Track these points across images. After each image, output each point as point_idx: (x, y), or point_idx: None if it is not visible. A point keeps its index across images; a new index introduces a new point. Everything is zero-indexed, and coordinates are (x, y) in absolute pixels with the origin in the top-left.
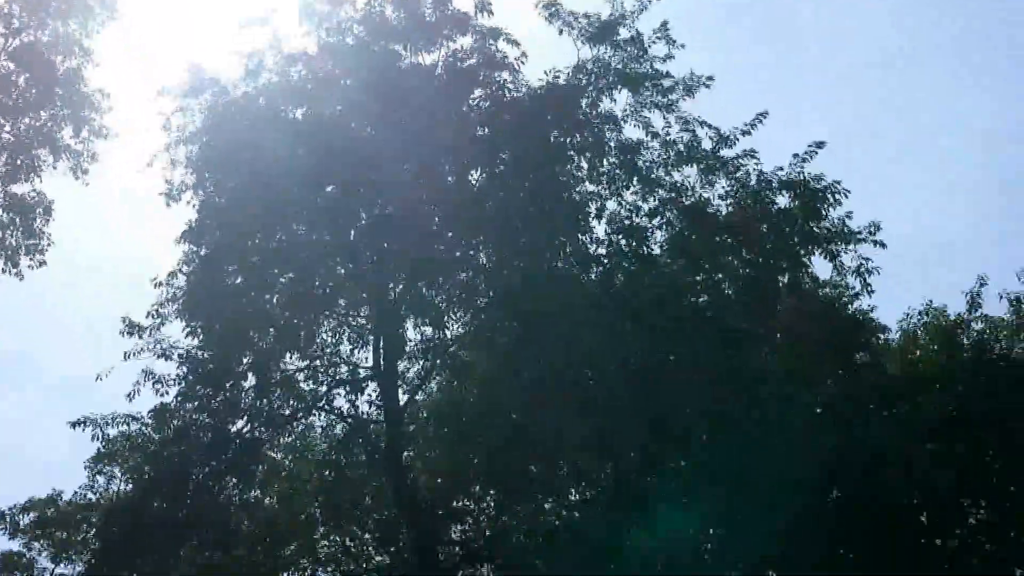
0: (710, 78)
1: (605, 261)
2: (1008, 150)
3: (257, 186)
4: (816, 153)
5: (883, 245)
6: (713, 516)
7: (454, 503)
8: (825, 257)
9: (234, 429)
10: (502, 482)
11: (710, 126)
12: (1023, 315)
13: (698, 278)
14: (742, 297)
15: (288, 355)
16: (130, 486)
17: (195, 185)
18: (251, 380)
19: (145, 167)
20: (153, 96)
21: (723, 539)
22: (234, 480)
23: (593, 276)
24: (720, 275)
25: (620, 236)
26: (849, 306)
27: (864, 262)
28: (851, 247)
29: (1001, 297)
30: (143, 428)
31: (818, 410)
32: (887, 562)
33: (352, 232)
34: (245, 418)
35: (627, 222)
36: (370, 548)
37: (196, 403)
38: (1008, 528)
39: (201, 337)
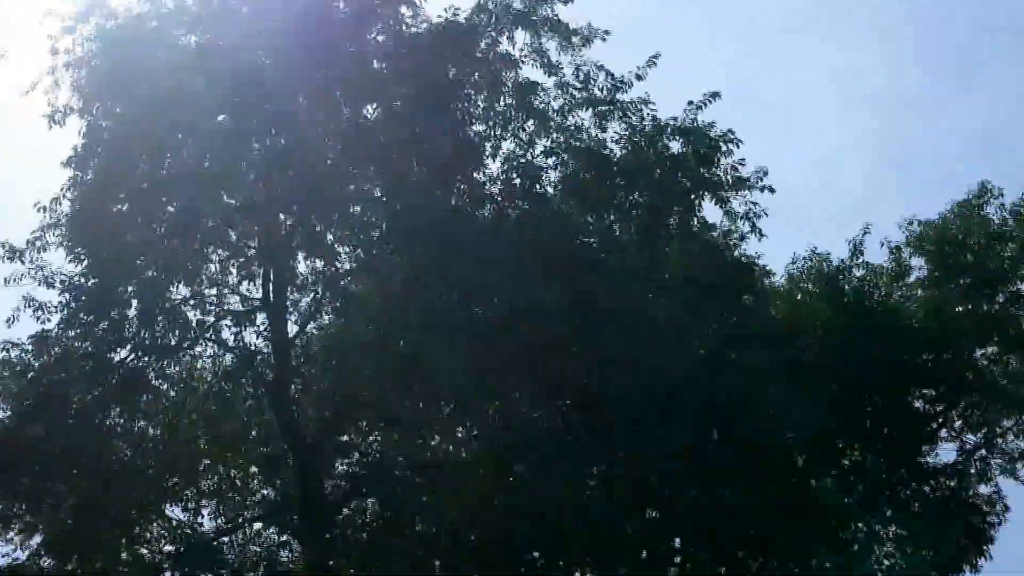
0: (607, 32)
1: (498, 199)
2: (900, 107)
3: (146, 113)
4: (711, 102)
5: (772, 190)
6: (597, 454)
7: (341, 437)
8: (715, 202)
9: (117, 358)
10: (389, 417)
11: (606, 71)
12: (903, 263)
13: (590, 219)
14: (633, 239)
15: (174, 284)
16: (7, 412)
17: (82, 110)
18: (136, 309)
19: (29, 89)
20: (40, 18)
21: (605, 477)
22: (117, 410)
23: (486, 214)
24: (612, 217)
25: (514, 175)
26: (737, 250)
27: (752, 207)
28: (741, 193)
29: (883, 245)
30: (23, 354)
31: (701, 351)
32: (763, 502)
33: (243, 163)
34: (129, 347)
35: (522, 161)
36: (256, 482)
37: (78, 330)
38: (879, 470)
39: (85, 264)
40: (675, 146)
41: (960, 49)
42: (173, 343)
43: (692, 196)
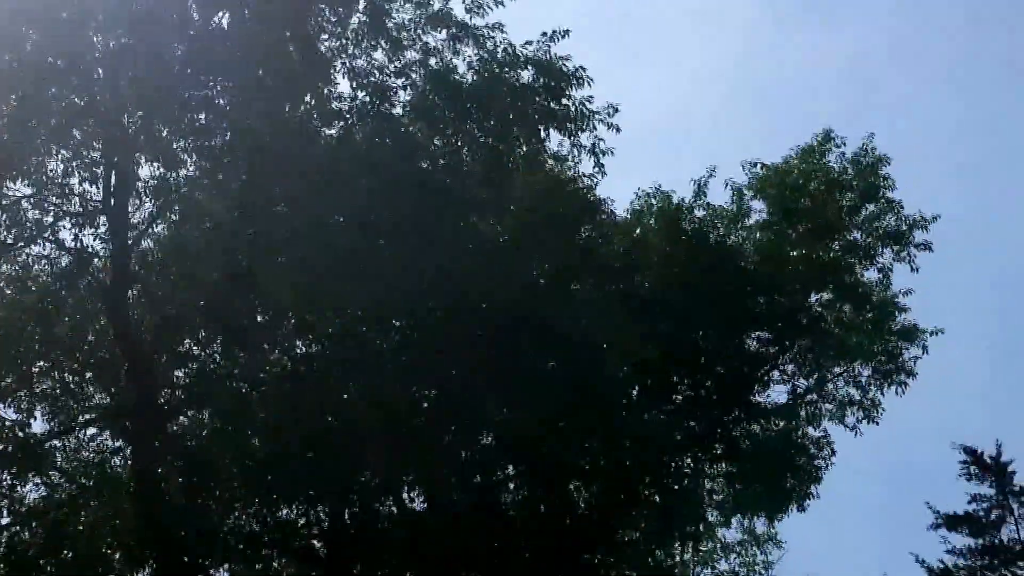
0: None
1: (347, 116)
2: (760, 46)
3: None
4: (563, 36)
5: (617, 129)
6: (430, 375)
7: (178, 347)
8: (563, 134)
9: None
10: (226, 327)
11: None
12: (744, 205)
13: (437, 142)
14: (479, 165)
15: (13, 181)
16: None
17: None
18: None
19: None
20: None
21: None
22: None
23: (333, 131)
24: (459, 143)
25: (363, 93)
26: (581, 184)
27: (599, 142)
28: (589, 126)
29: (726, 185)
30: None
31: (540, 279)
32: (598, 432)
33: (88, 60)
34: None
35: (371, 79)
36: (89, 386)
37: None
38: (710, 407)
39: None
40: (526, 76)
41: None
42: (9, 240)
43: (540, 127)
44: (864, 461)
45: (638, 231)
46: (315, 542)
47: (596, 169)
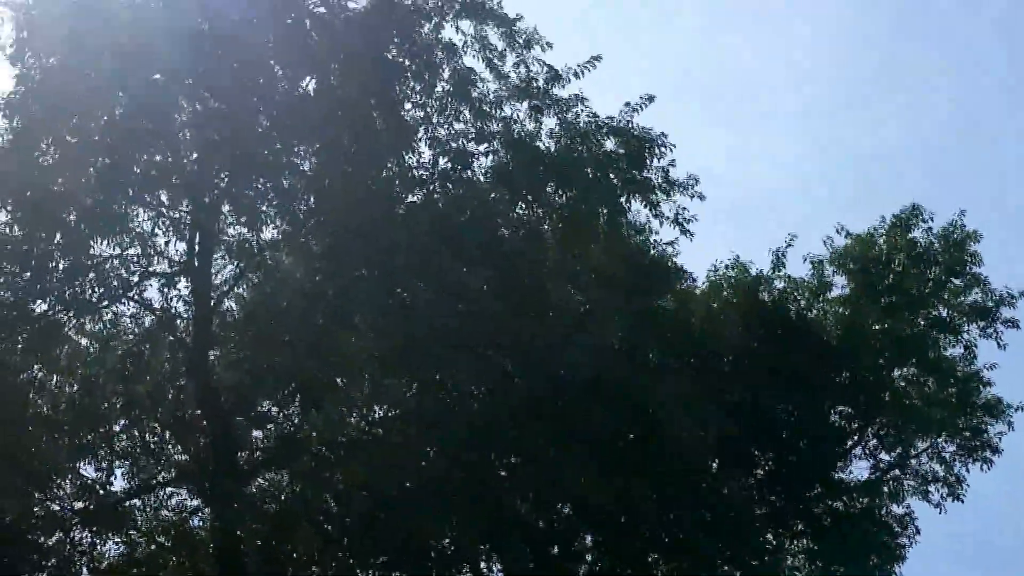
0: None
1: (428, 182)
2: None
3: (79, 64)
4: (646, 105)
5: (702, 197)
6: (508, 443)
7: (257, 407)
8: (644, 204)
9: (38, 310)
10: (305, 389)
11: (544, 64)
12: (824, 278)
13: (517, 209)
14: (558, 233)
15: (100, 240)
16: None
17: (15, 55)
18: (59, 262)
19: None
20: None
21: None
22: (34, 361)
23: (414, 196)
24: (540, 209)
25: (445, 158)
26: (659, 252)
27: (681, 211)
28: (671, 196)
29: (805, 259)
30: None
31: (619, 349)
32: (675, 504)
33: (176, 122)
34: (50, 300)
35: (453, 146)
36: (169, 446)
37: (0, 280)
38: (792, 482)
39: (9, 213)
40: (608, 145)
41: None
42: (94, 299)
43: (620, 196)
44: (948, 539)
45: (716, 302)
46: None
47: (680, 236)
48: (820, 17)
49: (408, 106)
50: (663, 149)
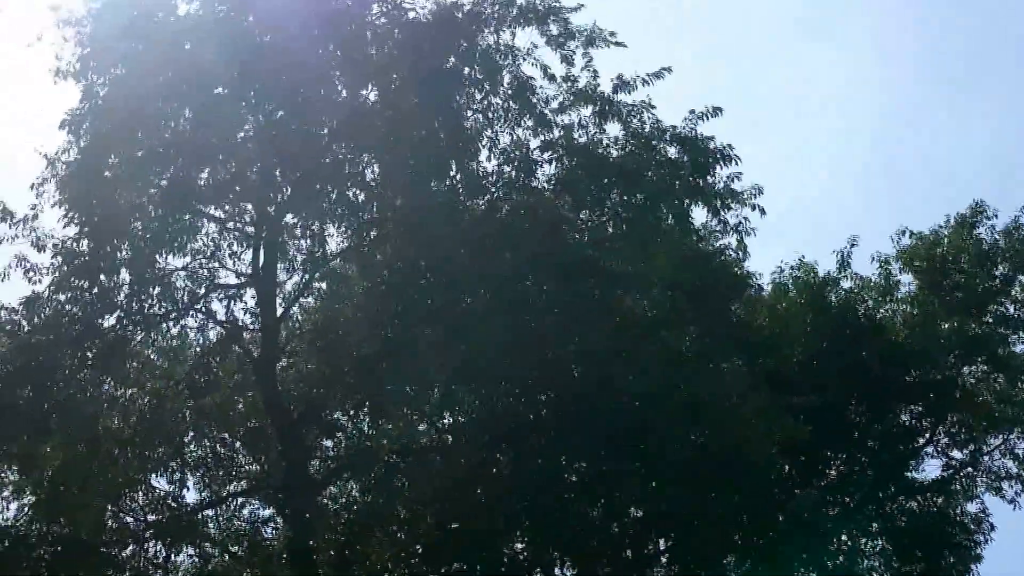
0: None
1: (492, 190)
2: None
3: (143, 77)
4: (712, 115)
5: (763, 211)
6: (579, 449)
7: (326, 417)
8: (708, 212)
9: (106, 325)
10: (374, 398)
11: (610, 43)
12: (891, 277)
13: (582, 216)
14: (624, 240)
15: (164, 253)
16: None
17: (78, 72)
18: (125, 276)
19: (34, 41)
20: None
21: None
22: (104, 375)
23: (478, 205)
24: (605, 217)
25: (509, 167)
26: (725, 259)
27: (744, 222)
28: (734, 206)
29: (873, 259)
30: (12, 316)
31: (688, 355)
32: (747, 508)
33: (239, 135)
34: (118, 314)
35: (517, 154)
36: (240, 456)
37: (68, 294)
38: (864, 483)
39: (77, 227)
40: (672, 152)
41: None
42: (161, 312)
43: (685, 203)
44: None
45: (783, 304)
46: None
47: (740, 248)
48: (881, 24)
49: (469, 114)
50: (728, 159)
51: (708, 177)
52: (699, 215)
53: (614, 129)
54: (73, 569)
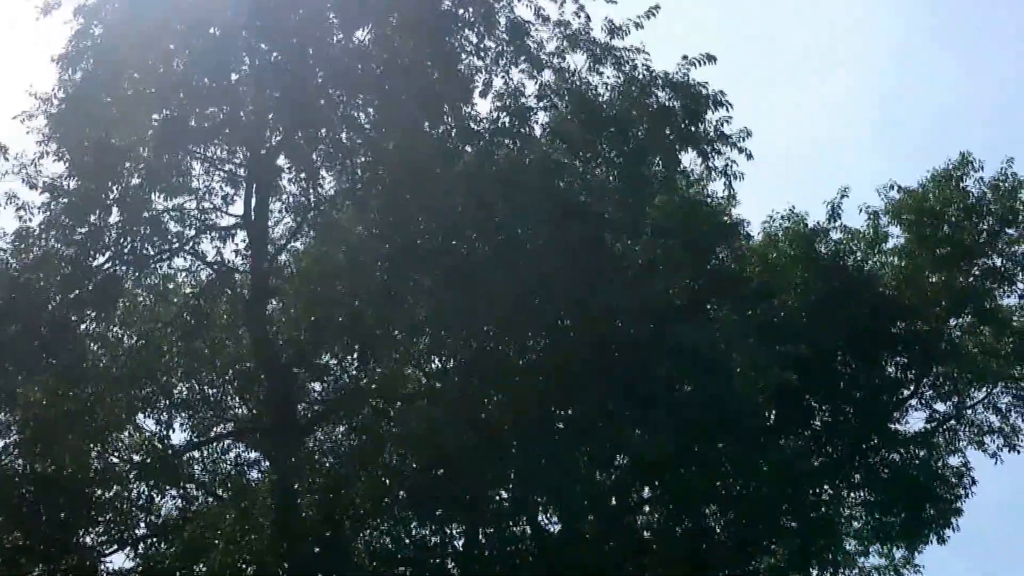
0: None
1: (485, 136)
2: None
3: (137, 18)
4: (705, 62)
5: (750, 155)
6: (568, 396)
7: (316, 360)
8: (698, 156)
9: (96, 263)
10: (363, 342)
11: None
12: (880, 230)
13: (575, 162)
14: (616, 186)
15: (156, 194)
16: None
17: (75, 10)
18: (116, 215)
19: None
20: None
21: (576, 420)
22: (93, 314)
23: (471, 149)
24: (597, 162)
25: (503, 113)
26: (715, 206)
27: (730, 164)
28: (723, 149)
29: (860, 211)
30: (1, 252)
31: (677, 301)
32: (734, 457)
33: (233, 76)
34: (108, 254)
35: (511, 100)
36: (228, 398)
37: (58, 233)
38: (849, 434)
39: (68, 166)
40: (664, 97)
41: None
42: (152, 253)
43: (676, 148)
44: (1007, 491)
45: (773, 254)
46: (448, 561)
47: (727, 192)
48: None
49: (464, 56)
50: (719, 105)
51: (699, 123)
52: (689, 161)
53: (608, 73)
54: (56, 509)
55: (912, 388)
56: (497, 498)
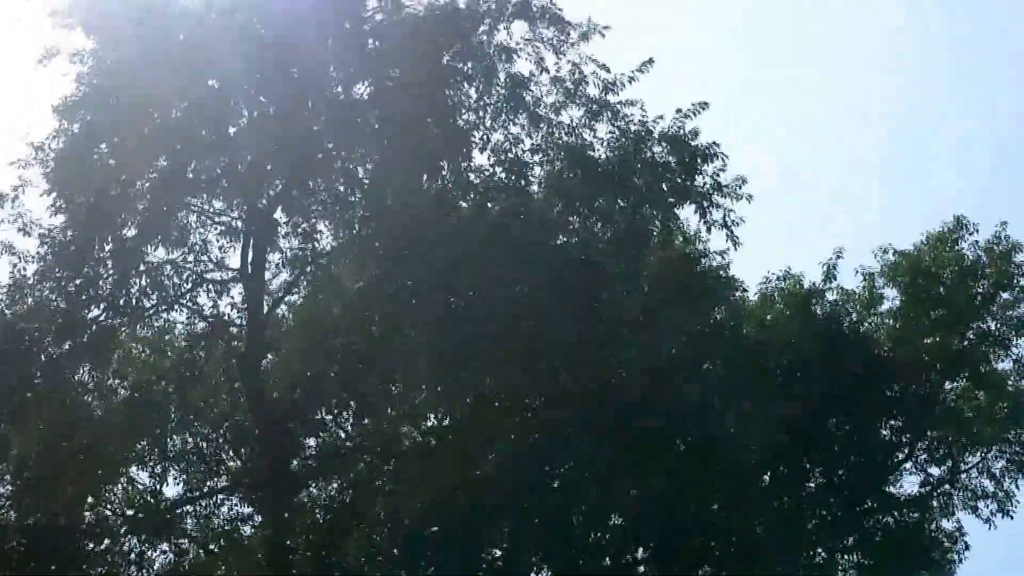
0: (606, 27)
1: (481, 190)
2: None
3: (137, 68)
4: (699, 111)
5: (749, 199)
6: (563, 452)
7: (311, 415)
8: (696, 211)
9: (91, 316)
10: (358, 397)
11: (600, 65)
12: (875, 291)
13: (572, 217)
14: (612, 241)
15: (153, 245)
16: None
17: (73, 55)
18: (112, 267)
19: (16, 22)
20: None
21: (569, 476)
22: (88, 365)
23: (468, 203)
24: (594, 218)
25: (500, 167)
26: (711, 262)
27: (728, 213)
28: (721, 201)
29: (857, 272)
30: None
31: (672, 352)
32: (726, 516)
33: (231, 128)
34: (103, 305)
35: (509, 155)
36: (222, 452)
37: (53, 284)
38: (842, 494)
39: (64, 216)
40: (660, 151)
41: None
42: (148, 305)
43: (672, 203)
44: (1000, 556)
45: (769, 315)
46: None
47: (729, 242)
48: (876, 26)
49: (463, 111)
50: (714, 156)
51: (696, 176)
52: (686, 213)
53: (604, 128)
54: (48, 561)
55: (907, 451)
56: (491, 556)
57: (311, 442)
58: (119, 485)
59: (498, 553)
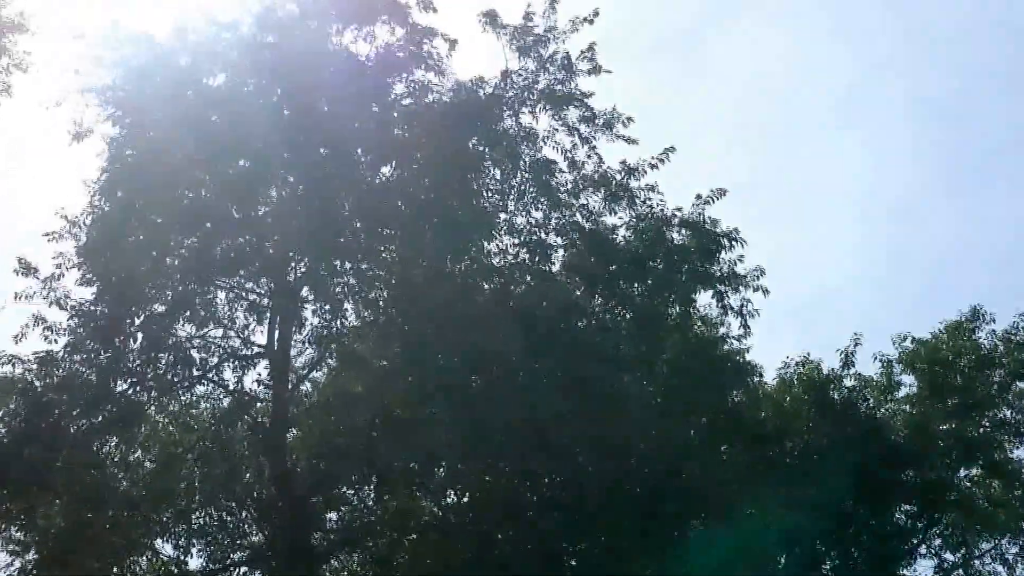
0: (630, 118)
1: (505, 272)
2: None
3: (169, 146)
4: (718, 198)
5: (766, 291)
6: (578, 535)
7: (332, 490)
8: (713, 297)
9: (119, 389)
10: (380, 474)
11: (626, 140)
12: (893, 378)
13: (592, 302)
14: (632, 325)
15: (181, 321)
16: (4, 430)
17: (106, 135)
18: (141, 342)
19: (54, 104)
20: (68, 38)
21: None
22: (114, 439)
23: (491, 285)
24: (613, 302)
25: (523, 249)
26: (730, 347)
27: (745, 303)
28: (738, 290)
29: (875, 358)
30: (26, 373)
31: (692, 436)
32: None
33: (260, 207)
34: (131, 379)
35: (532, 237)
36: (246, 526)
37: (83, 356)
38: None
39: (95, 291)
40: (678, 237)
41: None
42: (175, 380)
43: (692, 290)
44: None
45: (787, 400)
46: None
47: (742, 330)
48: (884, 122)
49: (487, 194)
50: (734, 243)
51: (714, 262)
52: (704, 299)
53: (624, 213)
54: None
55: (921, 536)
56: None
57: (332, 516)
58: (144, 557)
59: None
